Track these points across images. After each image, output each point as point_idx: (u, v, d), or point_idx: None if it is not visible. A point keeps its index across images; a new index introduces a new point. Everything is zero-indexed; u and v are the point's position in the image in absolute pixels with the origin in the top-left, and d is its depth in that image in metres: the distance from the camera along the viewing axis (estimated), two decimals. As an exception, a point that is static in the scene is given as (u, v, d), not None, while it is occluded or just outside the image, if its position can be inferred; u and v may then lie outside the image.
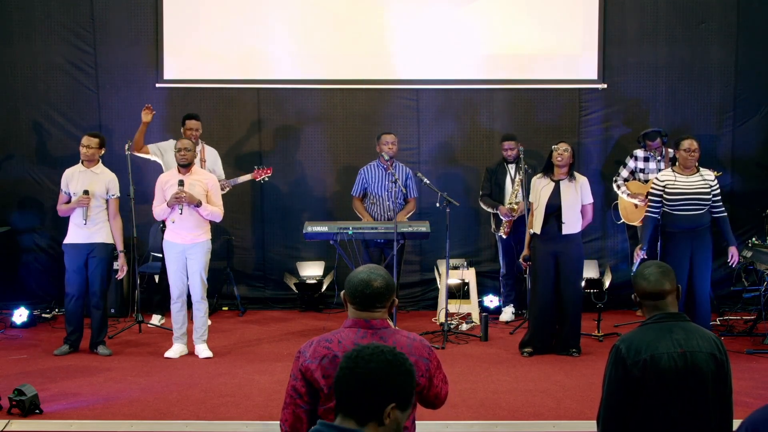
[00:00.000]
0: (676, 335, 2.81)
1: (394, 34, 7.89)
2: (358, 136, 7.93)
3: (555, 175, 6.11)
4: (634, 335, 2.86)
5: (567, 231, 6.03)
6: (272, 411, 4.74)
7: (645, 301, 2.92)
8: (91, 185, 6.12)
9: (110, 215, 6.20)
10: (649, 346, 2.78)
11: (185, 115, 7.18)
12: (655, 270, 2.91)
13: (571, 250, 6.07)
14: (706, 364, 2.78)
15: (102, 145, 6.26)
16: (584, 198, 6.13)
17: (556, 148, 6.08)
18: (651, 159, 7.19)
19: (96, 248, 6.12)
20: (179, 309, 6.09)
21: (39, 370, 5.70)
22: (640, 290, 2.93)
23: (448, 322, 6.56)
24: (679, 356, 2.76)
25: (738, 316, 7.24)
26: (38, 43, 7.84)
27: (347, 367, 2.07)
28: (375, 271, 2.73)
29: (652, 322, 2.88)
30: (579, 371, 5.66)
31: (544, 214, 6.04)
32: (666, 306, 2.89)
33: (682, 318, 2.90)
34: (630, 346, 2.80)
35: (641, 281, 2.92)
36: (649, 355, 2.76)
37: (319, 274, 7.79)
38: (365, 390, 2.03)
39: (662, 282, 2.89)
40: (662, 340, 2.79)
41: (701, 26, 7.87)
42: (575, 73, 7.95)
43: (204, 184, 6.05)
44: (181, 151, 5.99)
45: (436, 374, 2.77)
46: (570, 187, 6.07)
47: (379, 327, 2.69)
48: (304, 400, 2.64)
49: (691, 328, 2.87)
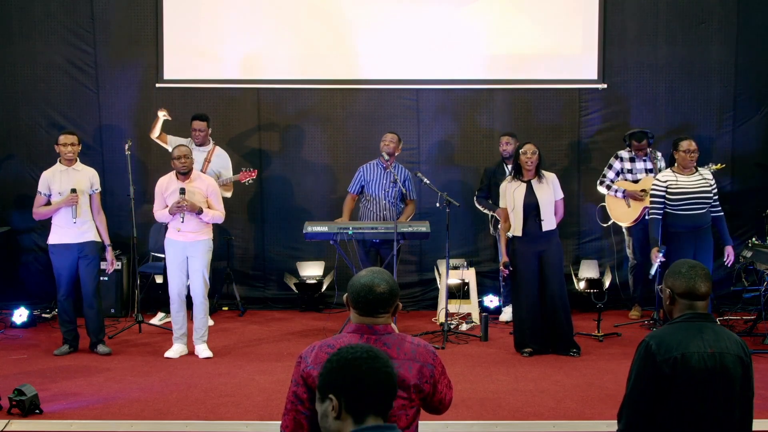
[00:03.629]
0: (706, 335, 2.81)
1: (394, 33, 7.88)
2: (358, 136, 7.93)
3: (524, 176, 6.14)
4: (665, 332, 2.86)
5: (547, 228, 6.06)
6: (272, 411, 4.74)
7: (681, 300, 2.89)
8: (76, 183, 6.09)
9: (94, 211, 6.18)
10: (680, 345, 2.78)
11: (193, 116, 7.21)
12: (699, 271, 2.89)
13: (552, 246, 6.10)
14: (734, 366, 2.80)
15: (79, 142, 6.26)
16: (557, 194, 6.17)
17: (524, 152, 6.10)
18: (637, 159, 7.18)
19: (87, 247, 6.11)
20: (179, 309, 6.09)
21: (39, 370, 5.71)
22: (680, 288, 2.88)
23: (448, 322, 6.56)
24: (709, 356, 2.77)
25: (738, 316, 7.24)
26: (38, 43, 7.84)
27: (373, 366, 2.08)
28: (378, 275, 2.68)
29: (682, 320, 2.87)
30: (579, 371, 5.66)
31: (522, 215, 6.06)
32: (699, 307, 2.88)
33: (711, 319, 2.90)
34: (661, 343, 2.80)
35: (680, 279, 2.88)
36: (680, 353, 2.76)
37: (319, 274, 7.79)
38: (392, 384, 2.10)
39: (704, 283, 2.87)
40: (693, 339, 2.79)
41: (701, 26, 7.87)
42: (575, 73, 7.95)
43: (203, 190, 6.06)
44: (180, 158, 5.98)
45: (441, 380, 2.74)
46: (542, 185, 6.11)
47: (383, 333, 2.66)
48: (306, 406, 2.61)
49: (719, 329, 2.88)
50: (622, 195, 7.09)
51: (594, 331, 6.53)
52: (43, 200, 6.14)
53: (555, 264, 6.10)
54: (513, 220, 6.13)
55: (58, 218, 6.10)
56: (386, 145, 6.96)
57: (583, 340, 6.31)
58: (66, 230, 6.08)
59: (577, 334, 6.31)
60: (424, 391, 2.65)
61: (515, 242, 6.15)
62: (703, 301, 2.89)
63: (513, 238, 6.15)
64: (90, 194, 6.17)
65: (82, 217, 6.07)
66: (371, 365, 2.08)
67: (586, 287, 7.51)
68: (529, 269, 6.08)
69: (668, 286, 2.93)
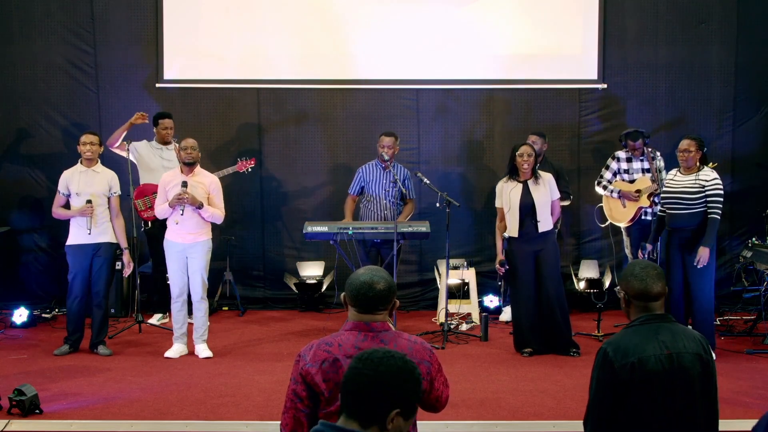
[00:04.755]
0: (662, 337, 2.80)
1: (394, 33, 7.89)
2: (358, 136, 7.93)
3: (520, 177, 6.13)
4: (621, 338, 2.85)
5: (543, 228, 6.06)
6: (272, 411, 4.74)
7: (635, 302, 2.88)
8: (94, 185, 6.12)
9: (112, 213, 6.20)
10: (636, 349, 2.77)
11: (161, 114, 7.20)
12: (651, 271, 2.87)
13: (549, 247, 6.10)
14: (692, 365, 2.79)
15: (101, 143, 6.27)
16: (553, 194, 6.16)
17: (521, 153, 6.08)
18: (634, 159, 7.17)
19: (101, 248, 6.13)
20: (179, 309, 6.09)
21: (39, 370, 5.70)
22: (632, 290, 2.87)
23: (448, 322, 6.56)
24: (666, 358, 2.76)
25: (738, 316, 7.24)
26: (38, 43, 7.84)
27: (356, 367, 2.07)
28: (377, 273, 2.71)
29: (638, 323, 2.86)
30: (579, 371, 5.66)
31: (519, 215, 6.05)
32: (655, 308, 2.87)
33: (668, 319, 2.88)
34: (617, 349, 2.79)
35: (633, 281, 2.86)
36: (636, 357, 2.76)
37: (319, 274, 7.79)
38: (372, 392, 2.03)
39: (656, 283, 2.85)
40: (649, 342, 2.79)
41: (701, 26, 7.87)
42: (575, 73, 7.95)
43: (206, 186, 6.06)
44: (187, 149, 6.00)
45: (437, 377, 2.76)
46: (538, 185, 6.11)
47: (380, 330, 2.67)
48: (305, 404, 2.62)
49: (677, 329, 2.86)
50: (618, 195, 7.08)
51: (594, 331, 6.53)
52: (62, 200, 6.16)
53: (551, 264, 6.10)
54: (509, 220, 6.13)
55: (76, 220, 6.12)
56: (386, 152, 6.93)
57: (583, 340, 6.31)
58: (82, 231, 6.09)
59: (577, 334, 6.32)
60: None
61: (511, 243, 6.14)
62: (658, 301, 2.86)
63: (509, 239, 6.15)
64: (108, 197, 6.18)
65: (97, 221, 6.08)
66: (354, 365, 2.09)
67: (586, 287, 7.51)
68: (526, 270, 6.08)
69: (623, 289, 2.92)
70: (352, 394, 2.05)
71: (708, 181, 5.88)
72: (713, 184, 5.87)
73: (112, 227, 6.19)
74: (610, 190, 7.14)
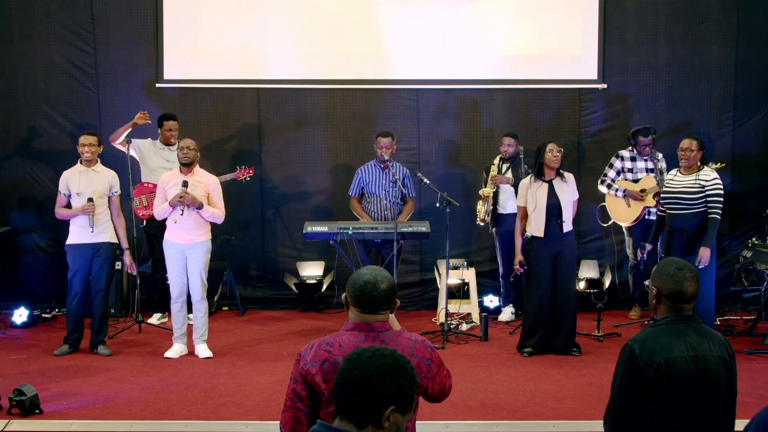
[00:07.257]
0: (689, 338, 2.79)
1: (394, 33, 7.89)
2: (358, 136, 7.93)
3: (546, 176, 6.11)
4: (648, 336, 2.83)
5: (567, 229, 6.05)
6: (272, 411, 4.74)
7: (667, 301, 2.85)
8: (94, 184, 6.12)
9: (113, 213, 6.20)
10: (663, 349, 2.76)
11: (166, 116, 7.21)
12: (687, 273, 2.84)
13: (569, 248, 6.09)
14: (717, 368, 2.79)
15: (100, 143, 6.27)
16: (574, 194, 6.15)
17: (551, 149, 6.03)
18: (638, 158, 7.17)
19: (102, 247, 6.13)
20: (179, 309, 6.09)
21: (39, 370, 5.70)
22: (666, 289, 2.83)
23: (448, 322, 6.56)
24: (692, 360, 2.76)
25: (738, 316, 7.24)
26: (38, 43, 7.84)
27: (346, 369, 2.06)
28: (380, 273, 2.70)
29: (665, 323, 2.85)
30: (579, 371, 5.66)
31: (545, 215, 6.02)
32: (685, 309, 2.85)
33: (695, 320, 2.87)
34: (644, 348, 2.78)
35: (668, 280, 2.83)
36: (663, 358, 2.75)
37: (319, 274, 7.79)
38: (363, 392, 2.03)
39: (692, 285, 2.82)
40: (676, 343, 2.78)
41: (701, 26, 7.87)
42: (575, 73, 7.95)
43: (205, 185, 6.05)
44: (183, 149, 5.99)
45: (439, 372, 2.77)
46: (563, 185, 6.09)
47: (381, 330, 2.67)
48: (305, 403, 2.62)
49: (703, 330, 2.85)
50: (623, 194, 7.08)
51: (594, 331, 6.53)
52: (63, 200, 6.17)
53: (569, 266, 6.10)
54: (534, 220, 6.05)
55: (77, 219, 6.11)
56: (384, 152, 6.93)
57: (583, 340, 6.31)
58: (83, 231, 6.09)
59: (577, 334, 6.31)
60: (422, 386, 2.68)
61: (533, 242, 6.08)
62: (690, 303, 2.85)
63: (531, 239, 6.10)
64: (109, 196, 6.18)
65: (98, 226, 6.09)
66: (344, 367, 2.08)
67: (586, 287, 7.51)
68: (545, 270, 6.04)
69: (655, 286, 2.90)
70: (344, 395, 2.05)
71: (708, 181, 5.88)
72: (713, 184, 5.87)
73: (112, 227, 6.19)
74: (615, 189, 7.13)
